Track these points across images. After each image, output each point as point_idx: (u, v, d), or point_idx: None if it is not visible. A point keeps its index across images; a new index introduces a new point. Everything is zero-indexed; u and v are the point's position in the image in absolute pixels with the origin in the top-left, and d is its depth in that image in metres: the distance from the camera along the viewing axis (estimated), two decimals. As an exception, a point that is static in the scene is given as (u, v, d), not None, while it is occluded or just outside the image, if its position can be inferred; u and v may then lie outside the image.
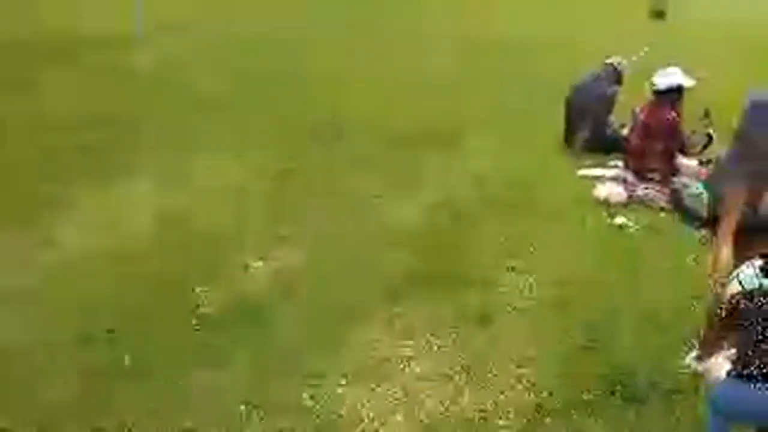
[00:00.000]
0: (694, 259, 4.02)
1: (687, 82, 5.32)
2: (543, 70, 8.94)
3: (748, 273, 2.26)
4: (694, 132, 5.40)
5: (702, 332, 3.01)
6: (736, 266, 2.35)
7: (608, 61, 6.31)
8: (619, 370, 2.95)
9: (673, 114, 5.28)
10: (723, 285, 2.38)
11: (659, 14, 17.66)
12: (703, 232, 4.30)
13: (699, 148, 5.47)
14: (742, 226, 2.49)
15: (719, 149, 5.04)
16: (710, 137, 5.47)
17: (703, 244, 4.16)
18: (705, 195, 4.63)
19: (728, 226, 2.50)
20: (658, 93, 5.34)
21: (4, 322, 3.23)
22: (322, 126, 6.31)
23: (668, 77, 5.32)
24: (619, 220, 4.69)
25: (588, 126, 6.00)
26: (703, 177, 5.00)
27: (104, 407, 2.69)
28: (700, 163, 5.34)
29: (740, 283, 2.29)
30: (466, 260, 3.97)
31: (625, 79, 6.25)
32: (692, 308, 3.37)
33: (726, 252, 2.49)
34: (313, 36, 10.63)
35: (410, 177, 5.29)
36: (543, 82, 7.96)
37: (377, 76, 8.33)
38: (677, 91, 5.30)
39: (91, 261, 3.84)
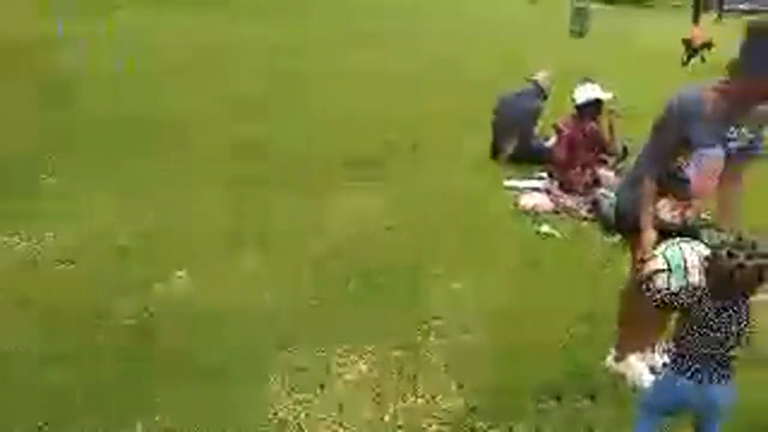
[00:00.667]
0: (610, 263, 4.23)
1: (604, 95, 5.60)
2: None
3: (675, 250, 2.33)
4: (612, 140, 5.69)
5: (618, 331, 3.13)
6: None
7: (532, 77, 6.55)
8: (550, 375, 3.03)
9: (593, 124, 5.58)
10: (645, 261, 2.45)
11: (579, 35, 18.53)
12: (618, 237, 4.50)
13: (616, 159, 5.77)
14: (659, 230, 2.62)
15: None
16: (626, 149, 5.75)
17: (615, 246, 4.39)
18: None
19: (647, 219, 2.63)
20: (578, 107, 5.62)
21: None
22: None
23: (586, 92, 5.59)
24: (545, 228, 4.85)
25: (514, 139, 6.21)
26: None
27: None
28: (617, 173, 5.61)
29: (665, 258, 2.34)
30: (398, 273, 4.01)
31: (548, 93, 6.51)
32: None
33: (650, 234, 2.60)
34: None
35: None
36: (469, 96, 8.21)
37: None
38: (595, 104, 5.59)
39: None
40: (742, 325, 2.11)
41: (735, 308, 2.10)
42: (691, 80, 2.73)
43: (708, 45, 15.65)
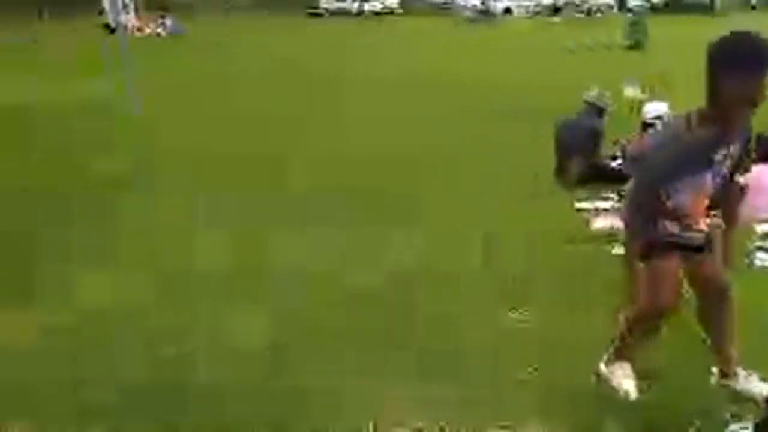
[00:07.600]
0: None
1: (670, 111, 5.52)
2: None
3: None
4: None
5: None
6: None
7: (586, 97, 6.45)
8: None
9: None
10: None
11: (636, 47, 18.00)
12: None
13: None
14: None
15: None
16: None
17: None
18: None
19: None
20: (647, 124, 5.56)
21: None
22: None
23: (656, 109, 5.54)
24: (619, 249, 4.75)
25: (578, 160, 6.14)
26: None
27: None
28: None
29: None
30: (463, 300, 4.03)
31: (608, 111, 6.41)
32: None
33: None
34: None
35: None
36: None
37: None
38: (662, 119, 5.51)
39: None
40: None
41: None
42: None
43: None
